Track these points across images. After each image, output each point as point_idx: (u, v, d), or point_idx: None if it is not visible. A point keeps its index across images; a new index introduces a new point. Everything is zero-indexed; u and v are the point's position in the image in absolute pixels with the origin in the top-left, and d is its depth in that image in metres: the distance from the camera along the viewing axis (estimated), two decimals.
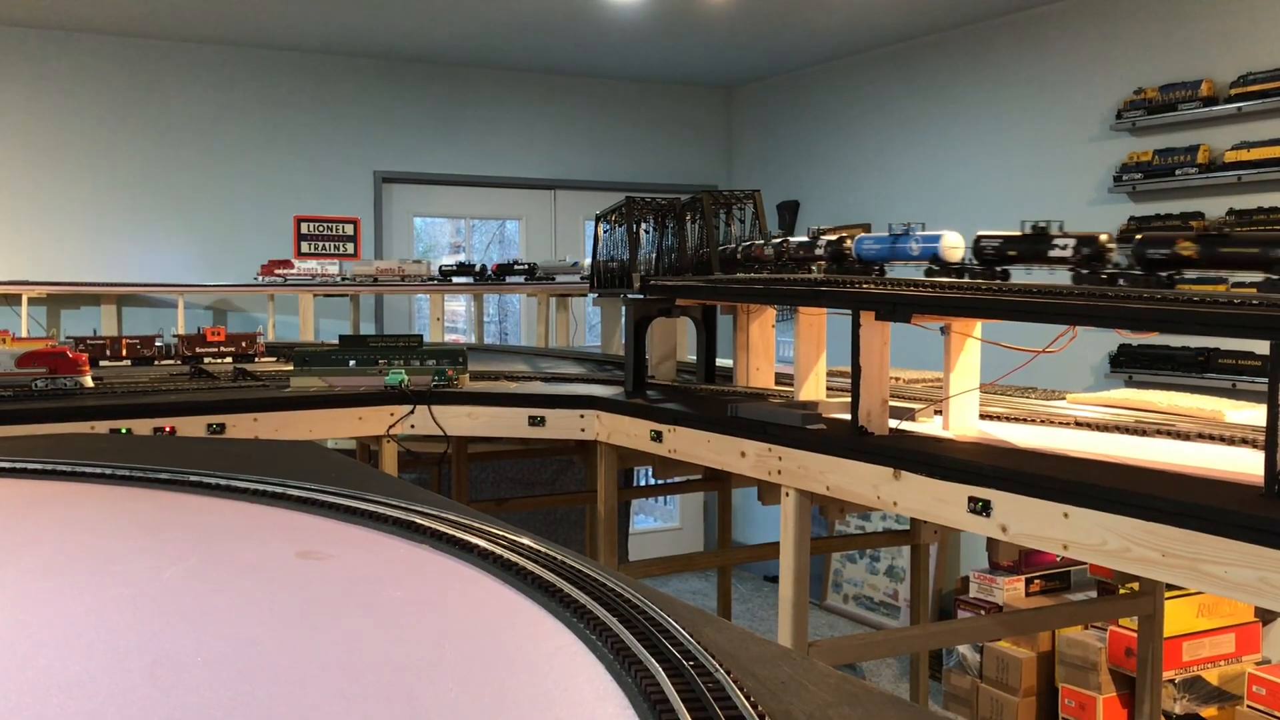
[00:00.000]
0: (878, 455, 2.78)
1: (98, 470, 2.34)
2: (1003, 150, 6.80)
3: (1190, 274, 2.41)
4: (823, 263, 3.47)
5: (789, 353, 3.73)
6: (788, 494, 3.14)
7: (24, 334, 6.12)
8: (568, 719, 1.12)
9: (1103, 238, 2.55)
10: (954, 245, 2.95)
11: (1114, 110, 6.01)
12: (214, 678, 1.20)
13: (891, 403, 3.02)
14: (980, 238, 2.86)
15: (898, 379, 3.98)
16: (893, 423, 2.98)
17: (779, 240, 3.81)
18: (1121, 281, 2.46)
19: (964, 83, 7.06)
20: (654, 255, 4.54)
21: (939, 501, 2.58)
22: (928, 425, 3.09)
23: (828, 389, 3.58)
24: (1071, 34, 6.36)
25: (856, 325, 2.93)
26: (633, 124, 8.79)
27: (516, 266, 7.05)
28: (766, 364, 4.21)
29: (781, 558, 3.22)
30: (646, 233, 4.61)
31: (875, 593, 7.36)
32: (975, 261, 2.89)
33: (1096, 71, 6.19)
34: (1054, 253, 2.64)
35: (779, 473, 3.14)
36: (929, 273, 3.01)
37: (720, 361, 4.46)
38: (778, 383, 4.17)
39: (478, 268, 6.98)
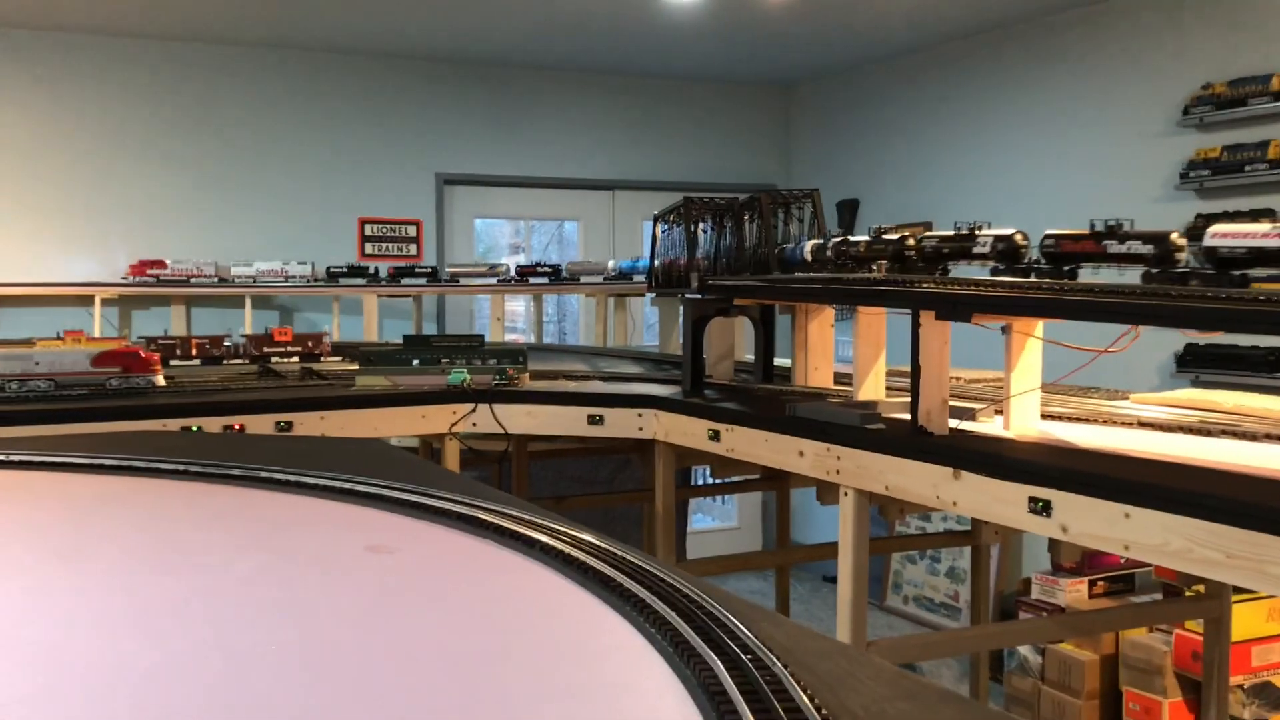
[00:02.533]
0: (937, 455, 2.77)
1: (171, 467, 2.41)
2: (1067, 147, 6.71)
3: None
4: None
5: (848, 352, 3.73)
6: (846, 494, 3.14)
7: (96, 334, 6.29)
8: (628, 710, 1.15)
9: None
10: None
11: (1181, 106, 5.91)
12: (286, 667, 1.25)
13: (951, 402, 3.01)
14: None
15: (958, 379, 3.96)
16: (953, 422, 2.97)
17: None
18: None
19: (1027, 79, 6.98)
20: (712, 255, 4.56)
21: (999, 501, 2.57)
22: (988, 425, 3.07)
23: (887, 389, 3.58)
24: (1137, 29, 6.27)
25: (916, 325, 2.92)
26: (691, 124, 8.81)
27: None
28: (825, 363, 4.20)
29: (840, 557, 3.23)
30: (704, 232, 4.63)
31: (936, 594, 7.30)
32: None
33: (1162, 67, 6.09)
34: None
35: (837, 472, 3.15)
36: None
37: (778, 361, 4.46)
38: (836, 382, 4.17)
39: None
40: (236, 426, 3.75)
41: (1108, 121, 6.43)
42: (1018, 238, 2.91)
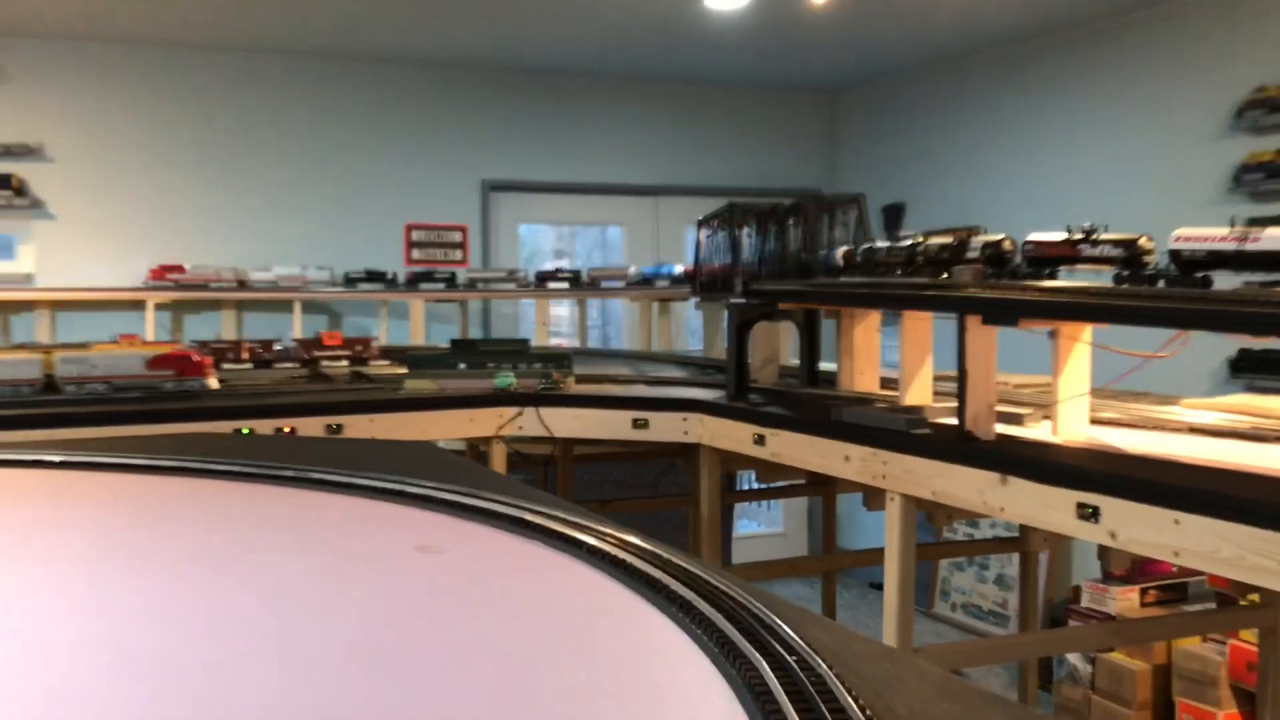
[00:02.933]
0: (984, 460, 2.76)
1: (225, 468, 2.46)
2: (1117, 151, 6.64)
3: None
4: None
5: (894, 357, 3.72)
6: (892, 499, 3.13)
7: (150, 337, 6.40)
8: (674, 709, 1.16)
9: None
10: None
11: (1233, 109, 5.83)
12: (341, 664, 1.28)
13: (999, 408, 2.99)
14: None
15: (1005, 383, 3.93)
16: (1000, 428, 2.96)
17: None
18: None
19: (1076, 83, 6.91)
20: (756, 260, 4.56)
21: (1047, 507, 2.56)
22: (1036, 431, 3.06)
23: (934, 394, 3.56)
24: (1189, 33, 6.19)
25: (962, 329, 2.91)
26: (735, 129, 8.81)
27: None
28: (871, 368, 4.19)
29: (886, 563, 3.22)
30: (749, 237, 4.64)
31: (984, 601, 7.24)
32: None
33: (1214, 70, 6.01)
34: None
35: (884, 477, 3.14)
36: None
37: (823, 366, 4.46)
38: (882, 387, 4.16)
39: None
40: (288, 429, 3.81)
41: (1158, 126, 6.35)
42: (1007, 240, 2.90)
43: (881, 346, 4.30)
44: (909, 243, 3.45)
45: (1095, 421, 3.09)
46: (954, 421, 2.97)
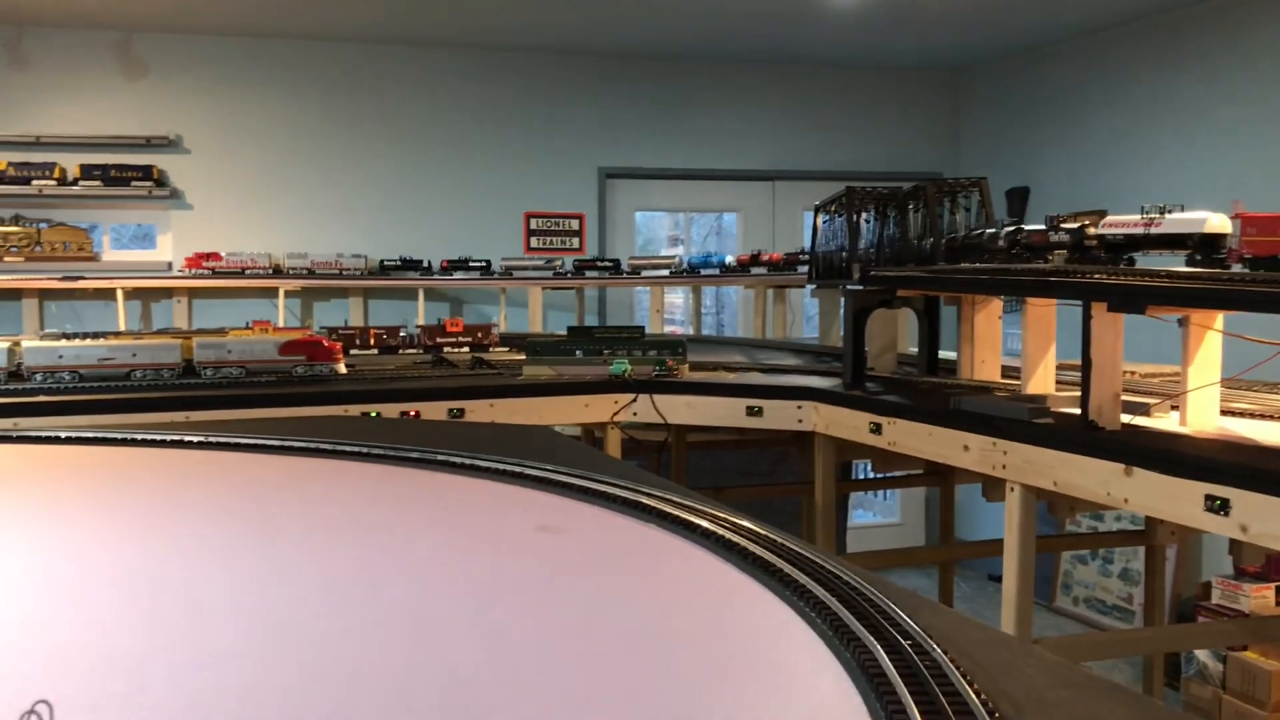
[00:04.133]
0: (1108, 450, 2.70)
1: (355, 449, 2.56)
2: (1257, 131, 6.36)
3: None
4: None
5: (1017, 345, 3.65)
6: (1012, 489, 3.08)
7: (280, 324, 6.65)
8: (787, 687, 1.18)
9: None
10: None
11: None
12: (467, 633, 1.33)
13: (1125, 397, 2.92)
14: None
15: (1132, 373, 3.82)
16: (1125, 418, 2.88)
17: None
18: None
19: (1214, 56, 6.64)
20: (875, 245, 4.51)
21: (1173, 499, 2.49)
22: (1163, 421, 2.97)
23: (1057, 382, 3.49)
24: None
25: (1087, 316, 2.84)
26: (853, 112, 8.70)
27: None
28: (992, 356, 4.12)
29: (1005, 554, 3.17)
30: (867, 222, 4.59)
31: (1108, 596, 7.04)
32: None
33: None
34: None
35: (1003, 467, 3.09)
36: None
37: (943, 354, 4.39)
38: (1004, 376, 4.08)
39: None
40: (412, 413, 3.93)
41: None
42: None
43: (1004, 334, 4.22)
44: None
45: (1226, 412, 2.99)
46: (1077, 411, 2.90)
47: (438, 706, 1.10)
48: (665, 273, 7.17)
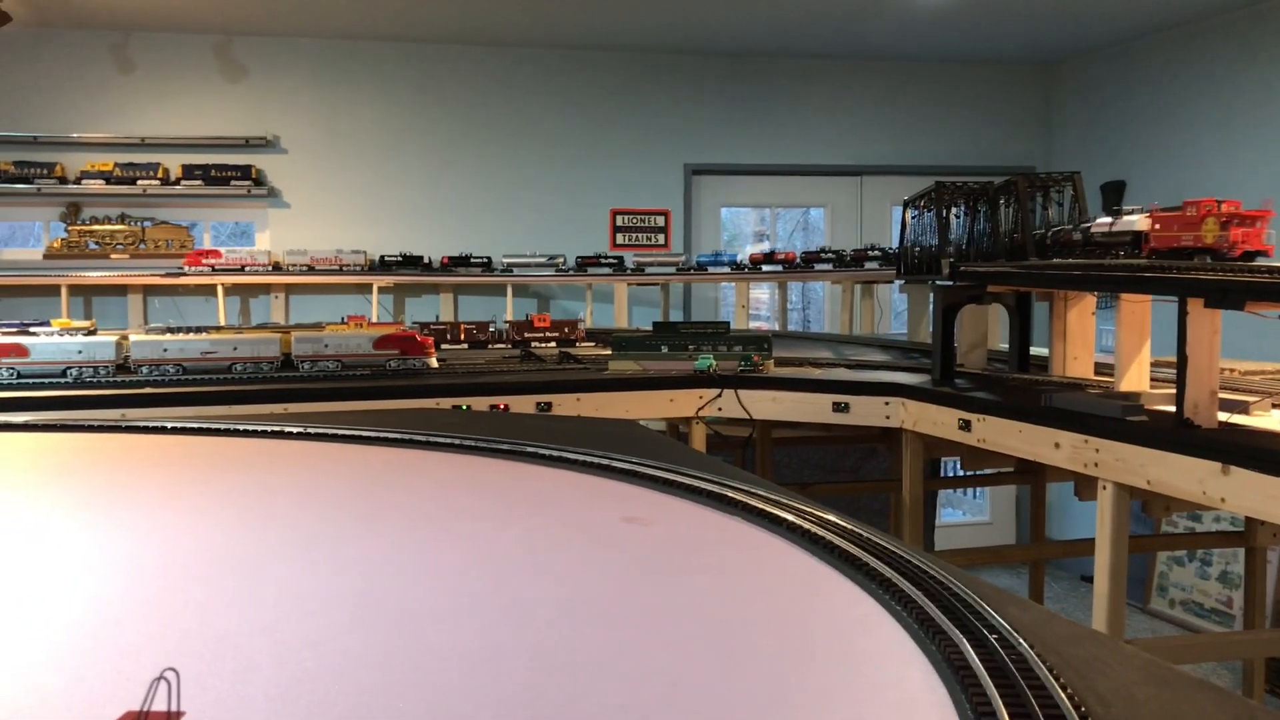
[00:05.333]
0: (1204, 449, 2.64)
1: (447, 441, 2.62)
2: None
3: None
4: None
5: (1111, 341, 3.58)
6: (1104, 487, 3.03)
7: (374, 319, 6.79)
8: (873, 678, 1.19)
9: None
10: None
11: None
12: (558, 620, 1.36)
13: (1222, 395, 2.85)
14: None
15: (1231, 370, 3.73)
16: (1222, 416, 2.82)
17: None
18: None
19: None
20: (965, 240, 4.46)
21: (1274, 499, 2.43)
22: (1263, 420, 2.89)
23: (1152, 380, 3.42)
24: None
25: (1183, 313, 2.78)
26: (943, 106, 8.59)
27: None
28: (1085, 353, 4.05)
29: (1097, 553, 3.12)
30: (957, 218, 4.54)
31: (1205, 599, 6.86)
32: None
33: None
34: None
35: (1095, 465, 3.04)
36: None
37: (1035, 350, 4.33)
38: (1097, 373, 4.01)
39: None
40: (501, 406, 4.00)
41: None
42: None
43: (1098, 330, 4.14)
44: None
45: None
46: (1172, 409, 2.85)
47: (527, 687, 1.14)
48: (673, 271, 7.19)
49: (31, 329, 4.48)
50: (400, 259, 7.15)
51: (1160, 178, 7.57)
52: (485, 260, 7.19)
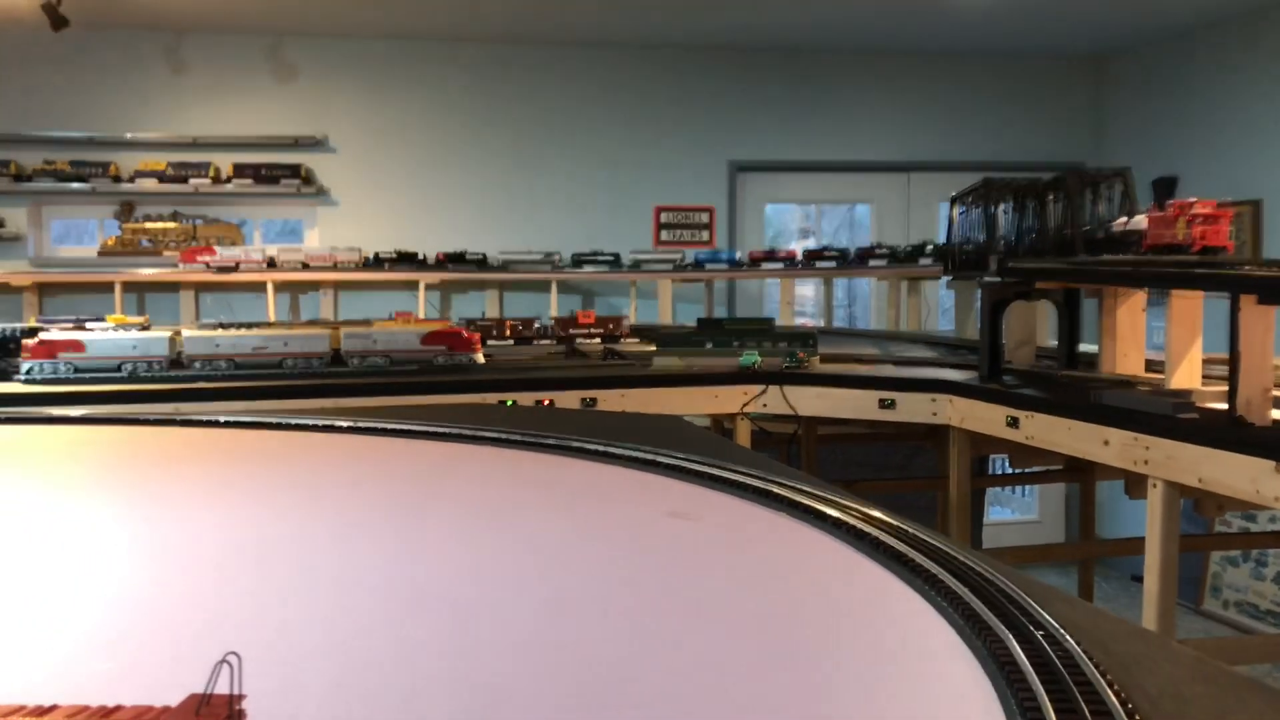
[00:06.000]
0: (1257, 446, 2.61)
1: (493, 435, 2.65)
2: None
3: None
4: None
5: (1161, 338, 3.54)
6: (1154, 485, 3.00)
7: (421, 315, 6.85)
8: (918, 674, 1.19)
9: None
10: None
11: None
12: (602, 613, 1.38)
13: (1276, 392, 2.81)
14: None
15: None
16: (1276, 414, 2.78)
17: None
18: None
19: None
20: (1013, 237, 4.43)
21: None
22: None
23: (1203, 377, 3.37)
24: None
25: (1235, 309, 2.75)
26: (991, 101, 8.51)
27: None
28: (1135, 350, 4.00)
29: (1147, 552, 3.09)
30: (1005, 214, 4.50)
31: (1261, 600, 6.75)
32: None
33: None
34: None
35: (1145, 463, 3.01)
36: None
37: (1083, 347, 4.29)
38: (1148, 370, 3.96)
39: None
40: (546, 401, 4.03)
41: None
42: None
43: (1148, 327, 4.09)
44: None
45: None
46: (1224, 406, 2.81)
47: (574, 677, 1.16)
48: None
49: (88, 325, 4.58)
50: (395, 255, 7.14)
51: (1214, 173, 7.45)
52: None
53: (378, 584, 1.51)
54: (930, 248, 6.80)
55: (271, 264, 6.91)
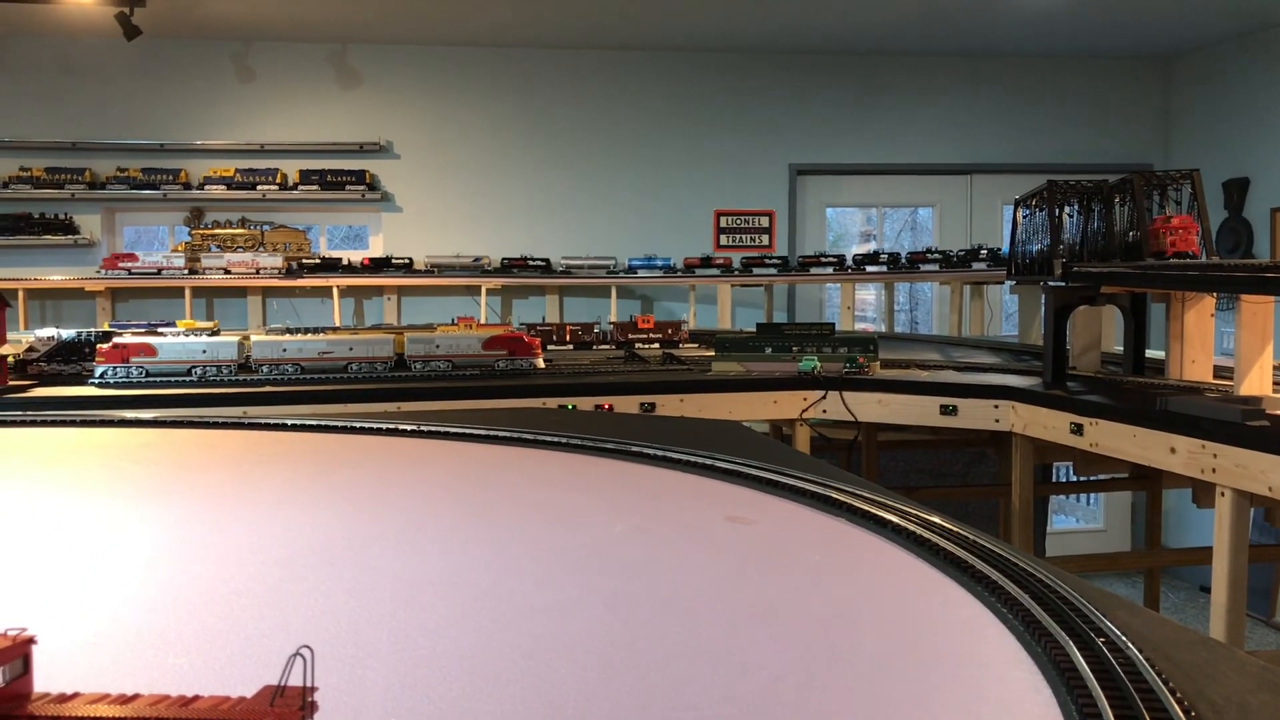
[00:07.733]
0: None
1: (554, 439, 2.67)
2: None
3: None
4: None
5: (1230, 344, 3.47)
6: (1223, 494, 2.94)
7: (483, 320, 6.93)
8: (978, 678, 1.19)
9: None
10: None
11: None
12: (661, 613, 1.39)
13: None
14: None
15: None
16: None
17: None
18: None
19: None
20: (1078, 240, 4.37)
21: None
22: None
23: (1275, 384, 3.31)
24: None
25: None
26: (1054, 103, 8.40)
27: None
28: (1203, 355, 3.93)
29: (1215, 562, 3.03)
30: (1070, 217, 4.45)
31: None
32: None
33: None
34: None
35: (1213, 471, 2.96)
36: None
37: (1151, 353, 4.22)
38: (1216, 376, 3.89)
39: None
40: (606, 405, 4.05)
41: None
42: None
43: (1217, 332, 4.02)
44: None
45: None
46: None
47: (632, 678, 1.17)
48: (603, 273, 7.19)
49: (159, 330, 4.69)
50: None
51: None
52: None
53: (440, 584, 1.54)
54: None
55: (193, 272, 7.04)
